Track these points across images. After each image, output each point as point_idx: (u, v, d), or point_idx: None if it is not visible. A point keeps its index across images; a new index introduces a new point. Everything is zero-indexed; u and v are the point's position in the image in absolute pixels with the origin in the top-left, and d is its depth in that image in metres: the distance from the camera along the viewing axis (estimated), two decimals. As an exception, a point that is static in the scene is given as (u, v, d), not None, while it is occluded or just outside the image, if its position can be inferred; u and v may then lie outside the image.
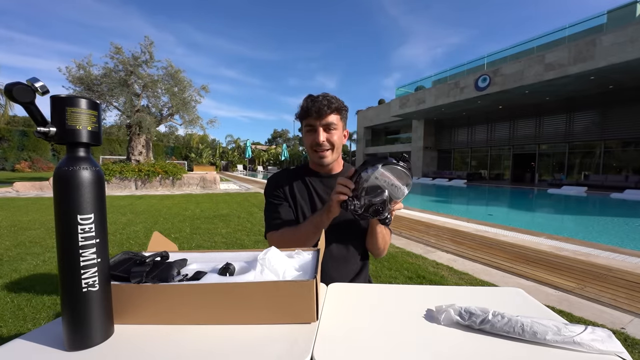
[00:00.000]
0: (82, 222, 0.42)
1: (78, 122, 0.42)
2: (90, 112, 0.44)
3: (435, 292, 0.71)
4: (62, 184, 0.42)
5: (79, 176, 0.42)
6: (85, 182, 0.42)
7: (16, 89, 0.39)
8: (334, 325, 0.52)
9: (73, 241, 0.41)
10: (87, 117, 0.43)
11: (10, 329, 1.71)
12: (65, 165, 0.42)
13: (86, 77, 9.64)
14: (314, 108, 0.91)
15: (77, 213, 0.41)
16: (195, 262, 0.66)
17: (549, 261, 3.02)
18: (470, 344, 0.47)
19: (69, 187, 0.41)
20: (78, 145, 0.44)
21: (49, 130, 0.41)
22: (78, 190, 0.42)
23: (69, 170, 0.42)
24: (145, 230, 4.25)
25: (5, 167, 22.41)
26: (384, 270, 2.72)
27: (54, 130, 0.42)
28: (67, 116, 0.42)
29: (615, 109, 14.21)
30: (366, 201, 0.72)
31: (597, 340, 0.44)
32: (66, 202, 0.41)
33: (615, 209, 8.72)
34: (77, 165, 0.42)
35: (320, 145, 0.94)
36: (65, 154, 0.44)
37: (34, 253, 3.09)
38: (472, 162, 21.67)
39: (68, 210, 0.41)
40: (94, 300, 0.44)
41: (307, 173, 1.05)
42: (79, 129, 0.43)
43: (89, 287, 0.43)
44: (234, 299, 0.50)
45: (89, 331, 0.44)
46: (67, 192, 0.41)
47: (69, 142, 0.43)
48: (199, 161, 31.18)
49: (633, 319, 1.91)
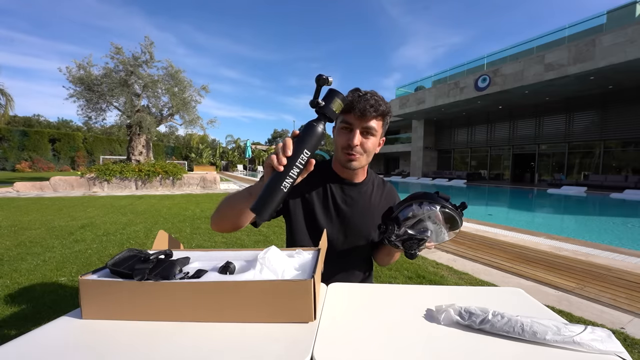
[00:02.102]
0: (304, 154, 0.56)
1: (338, 109, 0.59)
2: (337, 101, 0.58)
3: (435, 292, 0.71)
4: (306, 130, 0.57)
5: (314, 130, 0.57)
6: (316, 135, 0.57)
7: (321, 78, 0.55)
8: (334, 325, 0.53)
9: (293, 160, 0.55)
10: (340, 106, 0.59)
11: (10, 329, 1.71)
12: (312, 123, 0.57)
13: (86, 77, 9.63)
14: (358, 106, 0.80)
15: (305, 148, 0.56)
16: (197, 260, 0.67)
17: (549, 261, 3.02)
18: (470, 344, 0.47)
19: (306, 132, 0.57)
20: (322, 116, 0.58)
21: (319, 102, 0.56)
22: (311, 137, 0.57)
23: (312, 124, 0.57)
24: (146, 230, 4.25)
25: (5, 167, 22.41)
26: (384, 270, 2.72)
27: (323, 105, 0.56)
28: (334, 103, 0.57)
29: (615, 109, 14.22)
30: (406, 233, 0.68)
31: (597, 340, 0.44)
32: (302, 139, 0.56)
33: (615, 209, 8.72)
34: (316, 124, 0.57)
35: (353, 148, 0.84)
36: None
37: (34, 253, 3.09)
38: (472, 162, 21.68)
39: (300, 144, 0.56)
40: (281, 196, 0.55)
41: (328, 175, 0.95)
42: (334, 111, 0.58)
43: (283, 187, 0.55)
44: (233, 297, 0.51)
45: (267, 209, 0.54)
46: (305, 134, 0.57)
47: (328, 116, 0.57)
48: (199, 161, 31.20)
49: (633, 318, 1.91)
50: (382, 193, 1.00)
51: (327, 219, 0.92)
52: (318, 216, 0.91)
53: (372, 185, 0.99)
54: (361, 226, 0.93)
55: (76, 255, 3.03)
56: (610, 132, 14.56)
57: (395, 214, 0.71)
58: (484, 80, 14.66)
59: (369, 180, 0.98)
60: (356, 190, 0.95)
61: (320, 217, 0.91)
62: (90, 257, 2.99)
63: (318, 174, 0.94)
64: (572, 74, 11.39)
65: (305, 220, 0.93)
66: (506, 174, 19.72)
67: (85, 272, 0.58)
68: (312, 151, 0.56)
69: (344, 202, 0.93)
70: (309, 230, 0.92)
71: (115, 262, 0.56)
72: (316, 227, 0.92)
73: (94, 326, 0.51)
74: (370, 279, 1.03)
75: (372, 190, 0.98)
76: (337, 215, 0.93)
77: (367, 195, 0.96)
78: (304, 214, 0.92)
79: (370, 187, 0.98)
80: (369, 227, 0.94)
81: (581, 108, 15.36)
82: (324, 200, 0.93)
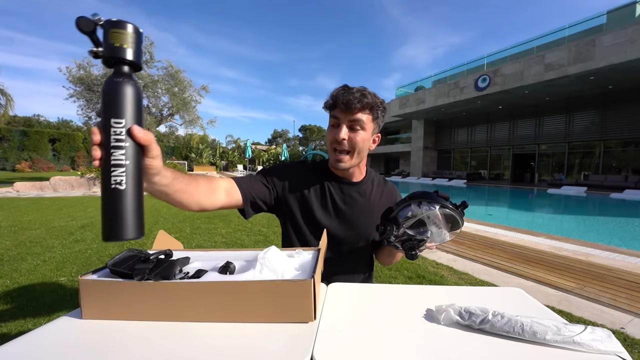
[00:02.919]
0: (114, 125, 0.44)
1: (118, 41, 0.45)
2: (131, 34, 0.46)
3: (435, 292, 0.71)
4: (104, 92, 0.45)
5: (117, 86, 0.45)
6: (122, 92, 0.45)
7: (79, 20, 0.43)
8: (334, 325, 0.53)
9: (107, 142, 0.44)
10: (128, 37, 0.46)
11: (10, 329, 1.71)
12: (109, 78, 0.46)
13: (86, 77, 9.65)
14: (342, 99, 0.79)
15: (111, 117, 0.44)
16: (197, 260, 0.67)
17: (549, 261, 3.02)
18: (470, 344, 0.47)
19: (106, 95, 0.45)
20: (118, 62, 0.46)
21: (97, 50, 0.45)
22: (113, 98, 0.45)
23: (110, 80, 0.45)
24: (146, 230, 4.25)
25: (5, 167, 22.41)
26: (384, 270, 2.72)
27: (102, 50, 0.45)
28: (110, 35, 0.45)
29: (615, 109, 14.21)
30: (405, 234, 0.67)
31: (597, 340, 0.44)
32: (103, 107, 0.45)
33: (615, 209, 8.72)
34: (118, 78, 0.45)
35: (340, 143, 0.83)
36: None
37: (34, 253, 3.09)
38: (472, 162, 21.67)
39: (105, 115, 0.44)
40: (121, 197, 0.45)
41: (326, 174, 0.94)
42: (118, 46, 0.45)
43: (116, 184, 0.44)
44: (233, 297, 0.51)
45: (117, 224, 0.45)
46: (104, 99, 0.45)
47: (112, 56, 0.46)
48: (199, 161, 31.20)
49: (632, 318, 1.91)
50: (383, 192, 0.99)
51: (326, 219, 0.91)
52: (317, 216, 0.90)
53: (371, 184, 0.98)
54: (361, 225, 0.93)
55: (76, 255, 3.03)
56: (610, 132, 14.55)
57: (394, 215, 0.70)
58: (484, 80, 14.65)
59: (368, 179, 0.97)
60: (355, 189, 0.94)
61: (319, 217, 0.90)
62: (90, 257, 2.99)
63: (317, 174, 0.94)
64: (572, 74, 11.39)
65: (304, 219, 0.91)
66: (506, 174, 19.72)
67: (85, 272, 0.58)
68: (123, 117, 0.44)
69: (342, 201, 0.92)
70: (307, 230, 0.91)
71: (115, 262, 0.56)
72: (315, 227, 0.90)
73: (94, 326, 0.51)
74: (370, 279, 1.02)
75: (371, 189, 0.97)
76: (336, 215, 0.91)
77: (366, 194, 0.95)
78: (302, 214, 0.91)
79: (369, 186, 0.97)
80: (368, 227, 0.93)
81: (581, 108, 15.36)
82: (322, 199, 0.91)
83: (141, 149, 0.48)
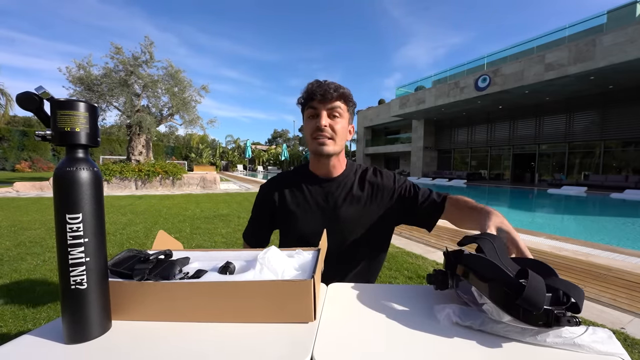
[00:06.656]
0: (70, 221, 0.42)
1: (69, 124, 0.43)
2: (83, 114, 0.44)
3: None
4: (56, 184, 0.43)
5: (70, 177, 0.43)
6: (76, 182, 0.43)
7: (20, 98, 0.41)
8: (334, 325, 0.52)
9: (63, 239, 0.42)
10: (79, 119, 0.43)
11: (10, 329, 1.71)
12: (60, 166, 0.43)
13: (86, 77, 9.63)
14: (319, 90, 0.83)
15: (66, 212, 0.42)
16: (197, 260, 0.67)
17: (549, 261, 3.01)
18: (470, 345, 0.47)
19: (58, 187, 0.42)
20: (71, 147, 0.44)
21: (45, 133, 0.42)
22: (67, 190, 0.42)
23: (61, 170, 0.43)
24: (145, 230, 4.25)
25: (5, 167, 22.41)
26: (384, 270, 2.72)
27: (50, 132, 0.43)
28: (58, 119, 0.42)
29: (615, 109, 14.22)
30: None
31: (598, 341, 0.44)
32: (57, 201, 0.42)
33: (615, 209, 8.72)
34: (70, 166, 0.43)
35: (322, 130, 0.84)
36: (62, 155, 0.45)
37: (34, 253, 3.09)
38: (472, 162, 21.68)
39: (59, 209, 0.42)
40: (82, 297, 0.44)
41: (304, 177, 0.95)
42: (69, 131, 0.43)
43: (76, 284, 0.43)
44: (232, 298, 0.51)
45: (80, 326, 0.44)
46: (57, 192, 0.42)
47: (62, 143, 0.43)
48: (199, 161, 31.18)
49: (633, 318, 1.91)
50: (366, 178, 0.96)
51: (312, 221, 0.90)
52: (299, 218, 0.91)
53: (353, 175, 0.96)
54: (348, 219, 0.91)
55: (76, 255, 3.03)
56: (611, 132, 14.55)
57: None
58: (484, 80, 14.65)
59: (349, 172, 0.96)
60: (335, 184, 0.93)
61: (304, 221, 0.91)
62: (90, 257, 2.98)
63: (296, 178, 0.96)
64: (572, 74, 11.39)
65: (291, 227, 0.92)
66: (506, 174, 19.72)
67: (85, 272, 0.57)
68: (79, 212, 0.42)
69: (324, 199, 0.92)
70: (298, 236, 0.91)
71: (115, 262, 0.56)
72: (304, 232, 0.91)
73: (94, 326, 0.51)
74: (371, 272, 0.98)
75: (353, 180, 0.95)
76: (322, 215, 0.91)
77: (347, 186, 0.94)
78: (290, 222, 0.92)
79: (351, 178, 0.95)
80: (358, 217, 0.91)
81: (581, 108, 15.36)
82: (304, 202, 0.92)
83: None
